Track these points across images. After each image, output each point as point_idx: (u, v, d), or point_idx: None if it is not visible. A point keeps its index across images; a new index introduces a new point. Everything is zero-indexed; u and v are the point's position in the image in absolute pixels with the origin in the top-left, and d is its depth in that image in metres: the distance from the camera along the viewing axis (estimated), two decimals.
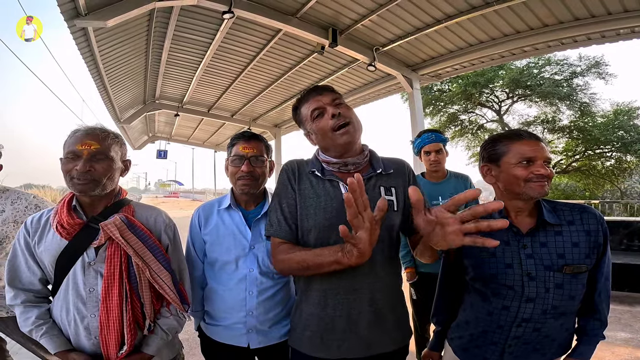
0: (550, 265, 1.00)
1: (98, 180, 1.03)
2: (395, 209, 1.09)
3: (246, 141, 1.33)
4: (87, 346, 1.02)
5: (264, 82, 7.22)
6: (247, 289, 1.25)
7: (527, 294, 1.00)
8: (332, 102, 1.09)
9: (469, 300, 1.15)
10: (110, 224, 1.01)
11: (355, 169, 1.12)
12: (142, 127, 11.64)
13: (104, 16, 3.82)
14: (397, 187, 1.12)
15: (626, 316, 3.63)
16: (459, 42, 5.27)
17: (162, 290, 1.05)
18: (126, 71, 6.26)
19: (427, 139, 2.17)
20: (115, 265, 1.00)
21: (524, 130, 1.14)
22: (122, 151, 1.15)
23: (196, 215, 1.38)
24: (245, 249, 1.27)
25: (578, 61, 12.92)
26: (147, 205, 1.21)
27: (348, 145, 1.08)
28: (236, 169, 1.30)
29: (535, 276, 1.00)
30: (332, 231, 1.03)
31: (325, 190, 1.09)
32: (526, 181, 1.02)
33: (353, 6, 4.53)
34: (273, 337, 1.25)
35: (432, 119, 15.96)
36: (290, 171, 1.15)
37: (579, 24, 4.38)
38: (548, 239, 1.02)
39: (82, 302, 1.02)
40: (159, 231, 1.15)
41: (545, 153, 1.03)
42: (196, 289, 1.32)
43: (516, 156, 1.05)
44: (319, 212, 1.06)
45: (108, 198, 1.10)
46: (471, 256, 1.11)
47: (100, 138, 1.05)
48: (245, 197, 1.34)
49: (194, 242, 1.36)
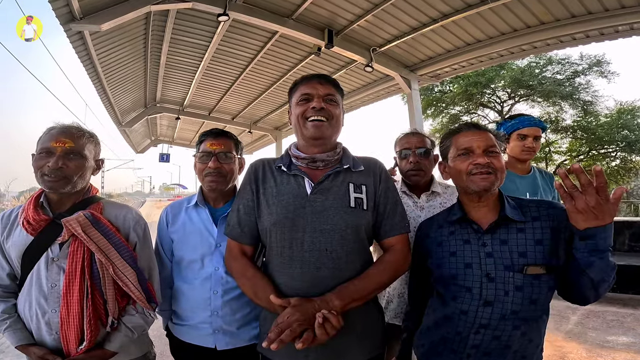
0: (510, 265, 0.93)
1: (69, 177, 1.04)
2: (365, 208, 1.06)
3: (214, 138, 1.32)
4: (48, 341, 1.03)
5: (263, 84, 7.24)
6: (212, 288, 1.23)
7: (485, 296, 0.93)
8: (324, 96, 1.08)
9: (431, 304, 1.11)
10: (72, 220, 1.00)
11: (324, 166, 1.11)
12: (144, 130, 11.73)
13: (98, 20, 3.86)
14: (367, 185, 1.10)
15: (629, 319, 3.54)
16: (457, 42, 5.24)
17: (126, 287, 1.05)
18: (126, 74, 6.31)
19: (527, 120, 1.78)
20: (77, 261, 1.00)
21: (470, 122, 1.12)
22: (96, 150, 1.17)
23: (164, 213, 1.37)
24: (211, 247, 1.26)
25: (580, 60, 12.89)
26: (117, 203, 1.21)
27: (315, 138, 1.07)
28: (203, 165, 1.29)
29: (494, 277, 0.93)
30: (292, 229, 1.02)
31: (288, 186, 1.08)
32: (468, 174, 0.98)
33: (348, 6, 4.52)
34: (242, 339, 1.23)
35: (433, 120, 15.92)
36: (253, 171, 1.15)
37: (576, 21, 4.32)
38: (509, 237, 0.95)
39: (44, 298, 1.03)
40: (127, 228, 1.14)
41: (486, 142, 0.98)
42: (165, 288, 1.30)
43: (455, 149, 1.03)
44: (279, 209, 1.04)
45: (77, 195, 1.11)
46: (434, 255, 1.07)
47: (75, 137, 1.08)
48: (213, 194, 1.33)
49: (162, 240, 1.35)
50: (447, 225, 1.07)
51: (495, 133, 1.04)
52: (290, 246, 1.02)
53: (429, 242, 1.10)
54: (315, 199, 1.04)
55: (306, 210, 1.03)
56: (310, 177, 1.08)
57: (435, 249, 1.07)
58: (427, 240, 1.11)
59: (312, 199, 1.04)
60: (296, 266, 1.00)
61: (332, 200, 1.04)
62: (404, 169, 1.58)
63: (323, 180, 1.07)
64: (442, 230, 1.08)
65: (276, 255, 1.05)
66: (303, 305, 0.90)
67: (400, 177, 1.65)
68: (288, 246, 1.02)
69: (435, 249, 1.06)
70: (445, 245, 1.04)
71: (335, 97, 1.11)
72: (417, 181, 1.56)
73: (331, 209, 1.03)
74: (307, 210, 1.03)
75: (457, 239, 1.02)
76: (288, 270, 1.02)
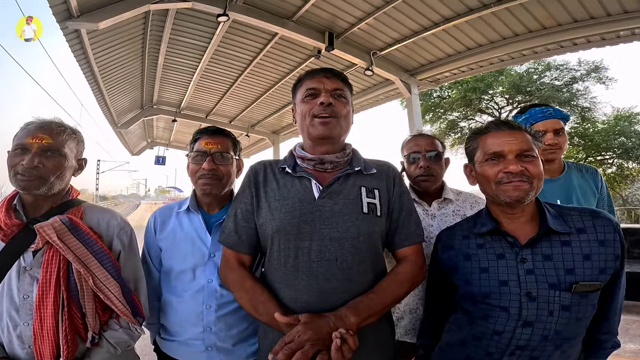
0: (557, 283, 0.82)
1: (45, 177, 0.94)
2: (379, 214, 0.97)
3: (210, 136, 1.20)
4: (21, 355, 0.94)
5: (261, 87, 7.17)
6: (205, 302, 1.11)
7: (526, 317, 0.83)
8: (332, 91, 1.00)
9: (454, 321, 1.00)
10: (46, 226, 0.90)
11: (333, 168, 1.02)
12: (140, 132, 11.61)
13: (96, 18, 3.78)
14: (380, 190, 1.00)
15: (634, 326, 3.47)
16: (458, 46, 5.21)
17: (108, 300, 0.94)
18: (123, 75, 6.22)
19: (541, 112, 1.49)
20: (52, 271, 0.89)
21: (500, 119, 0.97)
22: (79, 149, 1.06)
23: (152, 218, 1.25)
24: (205, 257, 1.14)
25: (578, 66, 12.93)
26: (100, 208, 1.10)
27: (323, 138, 0.98)
28: (197, 166, 1.17)
29: (536, 296, 0.83)
30: (297, 237, 0.92)
31: (293, 190, 0.98)
32: (497, 183, 0.86)
33: (350, 9, 4.48)
34: (238, 356, 1.12)
35: (431, 125, 15.91)
36: (253, 174, 1.06)
37: (578, 26, 4.31)
38: (554, 251, 0.84)
39: (15, 310, 0.93)
40: (111, 236, 1.04)
41: (520, 144, 0.85)
42: (152, 300, 1.19)
43: (483, 152, 0.90)
44: (283, 215, 0.94)
45: (55, 198, 1.00)
46: (460, 271, 0.96)
47: (54, 132, 0.97)
48: (207, 198, 1.20)
49: (149, 248, 1.23)
50: (473, 236, 0.97)
51: (531, 132, 0.91)
52: (295, 256, 0.92)
53: (453, 254, 0.99)
54: (324, 203, 0.95)
55: (314, 215, 0.94)
56: (318, 179, 0.99)
57: (462, 263, 0.96)
58: (451, 253, 1.00)
59: (320, 203, 0.95)
60: (302, 278, 0.90)
61: (343, 205, 0.95)
62: (412, 174, 1.43)
63: (332, 183, 0.98)
64: (469, 242, 0.97)
65: (279, 265, 0.95)
66: (315, 322, 0.80)
67: (408, 182, 1.49)
68: (293, 256, 0.92)
69: (463, 264, 0.95)
70: (475, 259, 0.93)
71: (344, 93, 1.02)
72: (428, 187, 1.42)
73: (342, 215, 0.94)
74: (315, 216, 0.93)
75: (488, 253, 0.92)
76: (293, 282, 0.92)
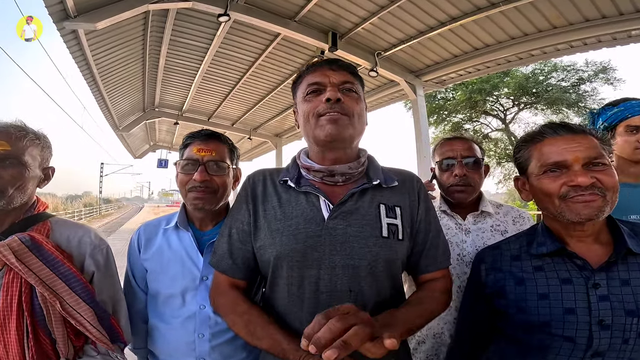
0: (635, 310, 0.71)
1: (2, 190, 0.82)
2: (401, 237, 0.82)
3: (203, 141, 1.04)
4: None
5: (263, 89, 7.08)
6: (197, 330, 0.98)
7: (597, 347, 0.72)
8: (339, 84, 0.83)
9: (497, 351, 0.87)
10: (2, 247, 0.79)
11: (346, 180, 0.85)
12: (143, 135, 11.56)
13: (94, 18, 3.70)
14: (403, 208, 0.85)
15: None
16: (464, 46, 5.08)
17: (81, 326, 0.82)
18: (123, 77, 6.15)
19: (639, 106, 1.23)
20: (12, 295, 0.78)
21: (554, 122, 0.81)
22: (44, 156, 0.93)
23: (135, 235, 1.11)
24: (196, 280, 1.01)
25: (585, 67, 12.74)
26: (72, 223, 0.98)
27: (332, 140, 0.81)
28: (187, 177, 1.02)
29: (610, 324, 0.72)
30: (303, 264, 0.78)
31: (298, 208, 0.83)
32: (562, 198, 0.73)
33: (353, 9, 4.38)
34: None
35: (436, 128, 15.77)
36: (250, 186, 0.90)
37: (589, 26, 4.17)
38: (631, 275, 0.73)
39: None
40: (82, 255, 0.92)
41: (588, 151, 0.72)
42: (138, 323, 1.07)
43: (539, 162, 0.77)
44: (285, 239, 0.80)
45: (16, 213, 0.88)
46: (509, 297, 0.82)
47: (13, 138, 0.85)
48: (199, 214, 1.06)
49: (133, 268, 1.10)
50: (527, 257, 0.83)
51: (599, 135, 0.77)
52: (299, 285, 0.78)
53: (500, 277, 0.85)
54: (336, 225, 0.80)
55: (322, 240, 0.79)
56: (328, 195, 0.84)
57: (512, 287, 0.82)
58: (498, 275, 0.86)
59: (331, 225, 0.80)
60: (307, 310, 0.77)
61: (358, 227, 0.80)
62: (445, 183, 1.25)
63: (345, 201, 0.82)
64: (521, 263, 0.83)
65: (282, 293, 0.81)
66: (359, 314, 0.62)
67: (439, 192, 1.31)
68: (297, 285, 0.78)
69: (514, 288, 0.82)
70: (530, 284, 0.80)
71: (354, 87, 0.86)
72: (463, 199, 1.23)
73: (357, 239, 0.79)
74: (324, 240, 0.79)
75: (548, 277, 0.79)
76: (297, 313, 0.78)
